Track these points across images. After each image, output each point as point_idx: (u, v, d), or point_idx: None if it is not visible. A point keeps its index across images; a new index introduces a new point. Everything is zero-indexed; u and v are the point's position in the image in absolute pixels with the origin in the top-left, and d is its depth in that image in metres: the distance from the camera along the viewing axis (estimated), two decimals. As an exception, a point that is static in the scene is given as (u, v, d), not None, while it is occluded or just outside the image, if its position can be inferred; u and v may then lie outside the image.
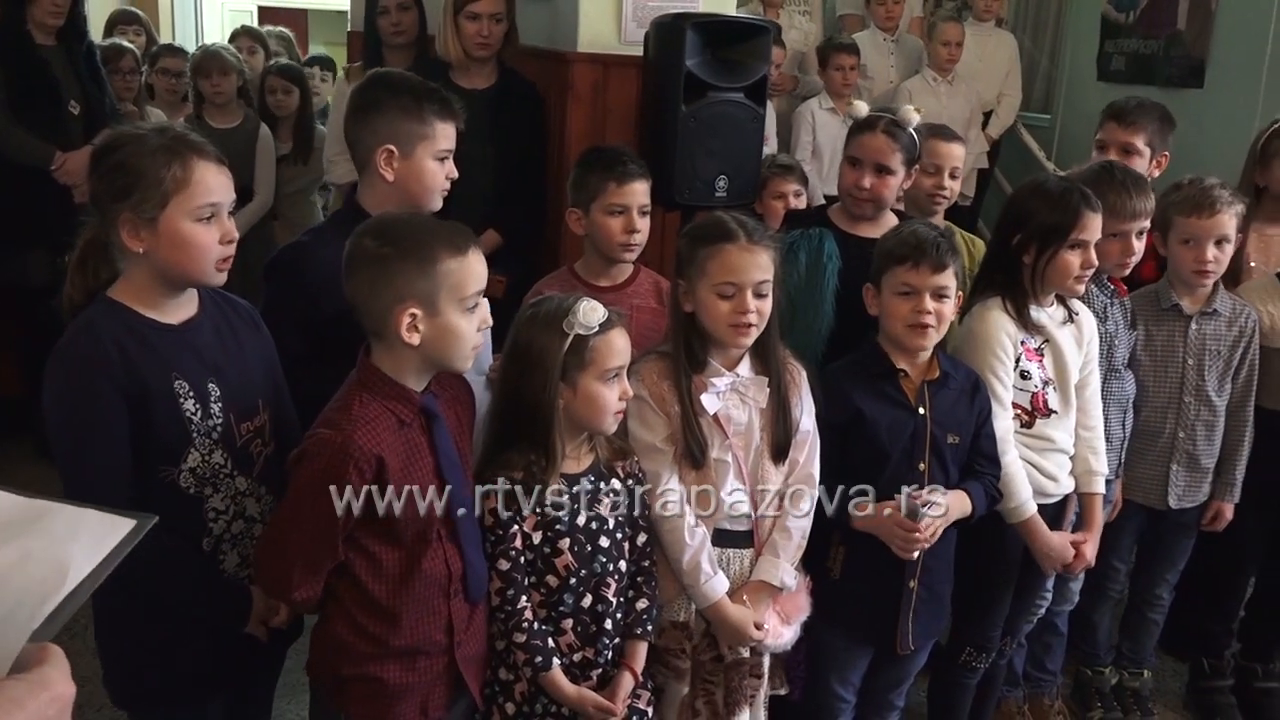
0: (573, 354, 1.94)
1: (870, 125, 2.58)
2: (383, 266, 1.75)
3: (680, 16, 3.03)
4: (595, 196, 2.47)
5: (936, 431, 2.29)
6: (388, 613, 1.82)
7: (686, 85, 2.99)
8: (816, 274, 2.52)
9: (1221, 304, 2.79)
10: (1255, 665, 3.12)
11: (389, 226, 1.82)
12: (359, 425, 1.74)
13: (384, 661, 1.83)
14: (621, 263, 2.52)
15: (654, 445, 2.13)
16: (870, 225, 2.59)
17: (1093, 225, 2.40)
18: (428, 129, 2.25)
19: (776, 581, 2.19)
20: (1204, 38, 4.94)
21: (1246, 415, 2.84)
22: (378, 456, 1.74)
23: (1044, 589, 2.72)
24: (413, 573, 1.82)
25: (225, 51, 4.57)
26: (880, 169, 2.55)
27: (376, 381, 1.79)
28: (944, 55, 5.15)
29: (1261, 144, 3.18)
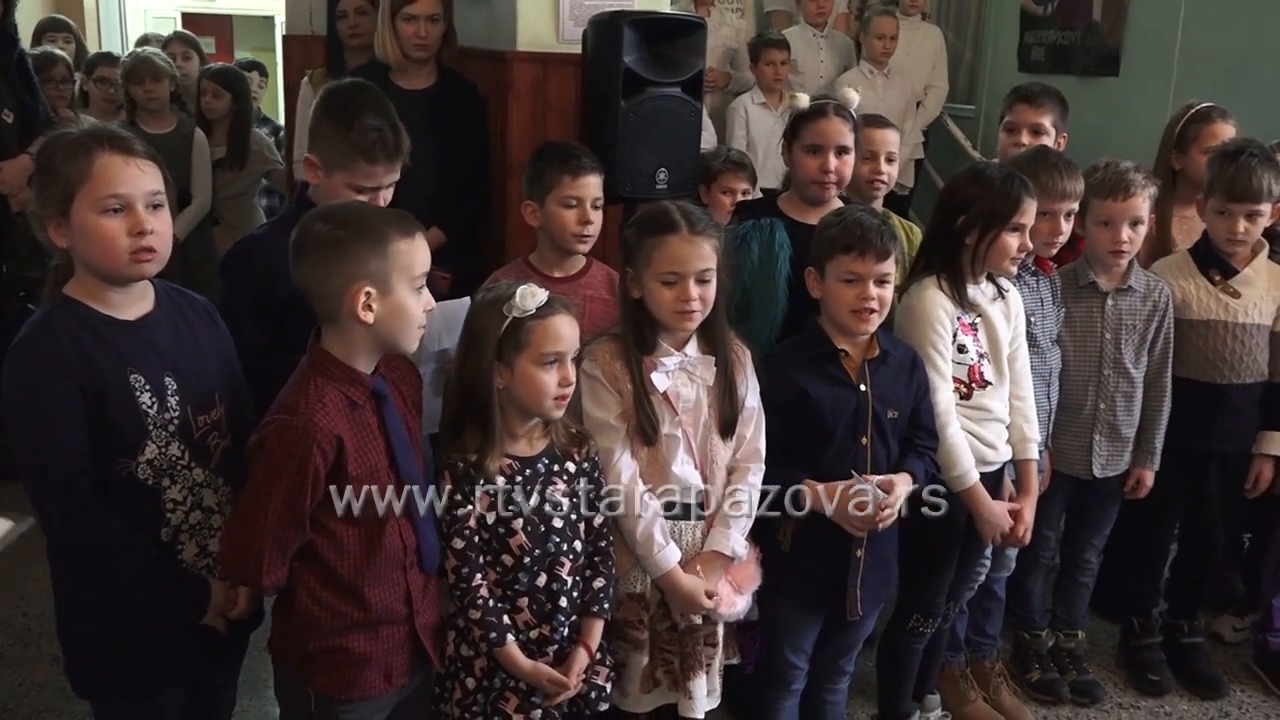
0: (510, 336, 2.04)
1: (821, 112, 2.68)
2: (337, 248, 1.81)
3: (617, 14, 3.11)
4: (550, 189, 2.56)
5: (878, 407, 2.40)
6: (351, 587, 1.89)
7: (625, 81, 3.08)
8: (769, 263, 2.63)
9: (1136, 280, 2.94)
10: (1181, 622, 3.28)
11: (339, 212, 1.90)
12: (317, 407, 1.80)
13: (349, 633, 1.91)
14: (575, 254, 2.60)
15: (607, 422, 2.24)
16: (818, 212, 2.70)
17: (1031, 210, 2.54)
18: (347, 162, 2.32)
19: (728, 551, 2.30)
20: (1118, 28, 5.15)
21: (1164, 385, 2.99)
22: (337, 436, 1.81)
23: (984, 555, 2.84)
24: (373, 548, 1.90)
25: (157, 57, 4.58)
26: (841, 150, 2.67)
27: (328, 365, 1.86)
28: (879, 48, 5.31)
29: (1179, 129, 3.36)
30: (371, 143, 2.30)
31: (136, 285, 1.90)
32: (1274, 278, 3.07)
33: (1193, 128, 3.31)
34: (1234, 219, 2.95)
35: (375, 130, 2.31)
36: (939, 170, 5.64)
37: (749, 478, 2.34)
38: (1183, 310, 3.03)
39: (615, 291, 2.57)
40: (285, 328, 2.22)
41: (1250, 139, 3.07)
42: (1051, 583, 3.28)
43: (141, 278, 1.88)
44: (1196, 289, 3.04)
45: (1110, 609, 3.45)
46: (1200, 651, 3.29)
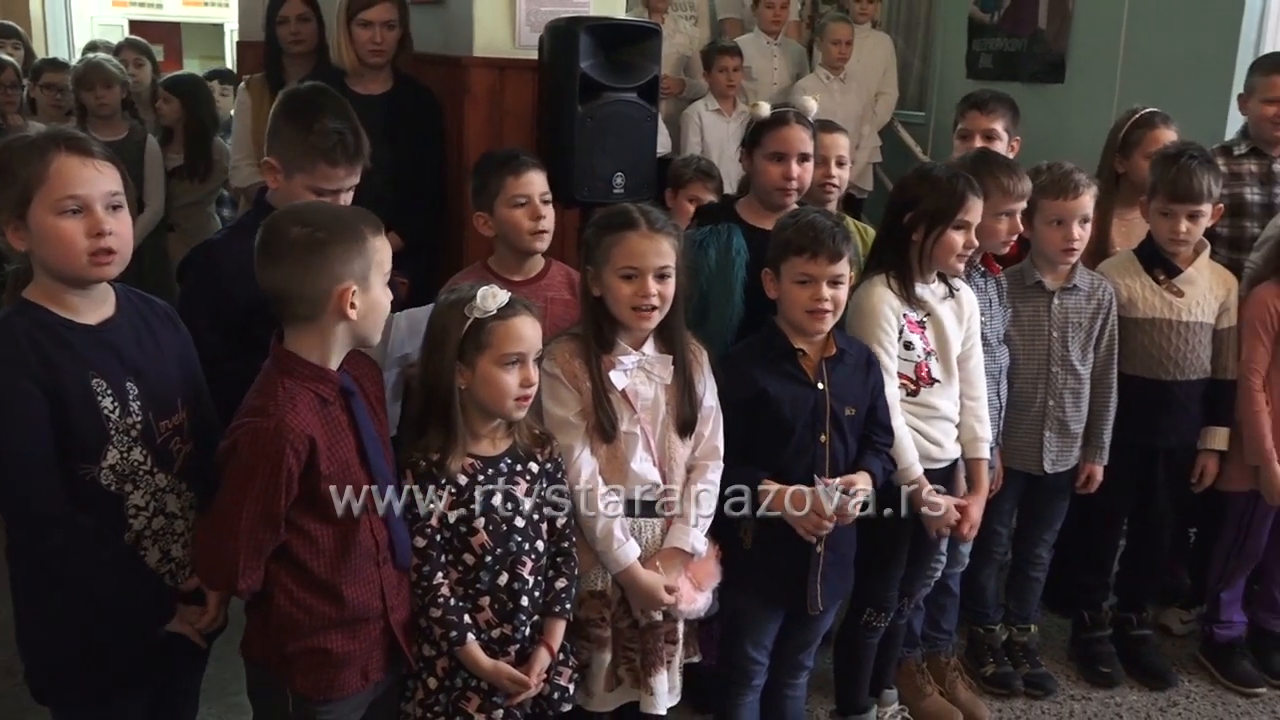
0: (471, 337, 2.06)
1: (784, 119, 2.72)
2: (319, 249, 1.82)
3: (573, 20, 3.14)
4: (497, 194, 2.58)
5: (835, 405, 2.44)
6: (328, 586, 1.90)
7: (581, 86, 3.10)
8: (726, 267, 2.66)
9: (1080, 279, 3.01)
10: (1130, 615, 3.36)
11: (311, 213, 1.91)
12: (288, 409, 1.81)
13: (328, 633, 1.91)
14: (533, 253, 2.62)
15: (567, 420, 2.26)
16: (775, 218, 2.72)
17: (975, 208, 2.60)
18: (307, 164, 2.33)
19: (687, 547, 2.33)
20: (1063, 36, 5.26)
21: (1110, 382, 3.07)
22: (310, 437, 1.82)
23: (938, 552, 2.90)
24: (347, 546, 1.91)
25: (108, 63, 4.54)
26: (803, 157, 2.71)
27: (295, 365, 1.86)
28: (835, 53, 5.39)
29: (1124, 134, 3.44)
30: (332, 145, 2.30)
31: (97, 289, 1.89)
32: (1216, 277, 3.16)
33: (1136, 132, 3.40)
34: (1176, 219, 3.03)
35: (336, 133, 2.31)
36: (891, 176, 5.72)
37: (708, 475, 2.37)
38: (1129, 309, 3.10)
39: (576, 292, 2.60)
40: (242, 333, 2.22)
41: (1190, 142, 3.16)
42: (1004, 578, 3.34)
43: (101, 279, 1.88)
44: (1142, 288, 3.12)
45: (1061, 603, 3.52)
46: (1149, 643, 3.37)
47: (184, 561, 2.02)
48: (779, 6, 5.54)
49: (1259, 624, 3.37)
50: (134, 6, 11.34)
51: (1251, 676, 3.28)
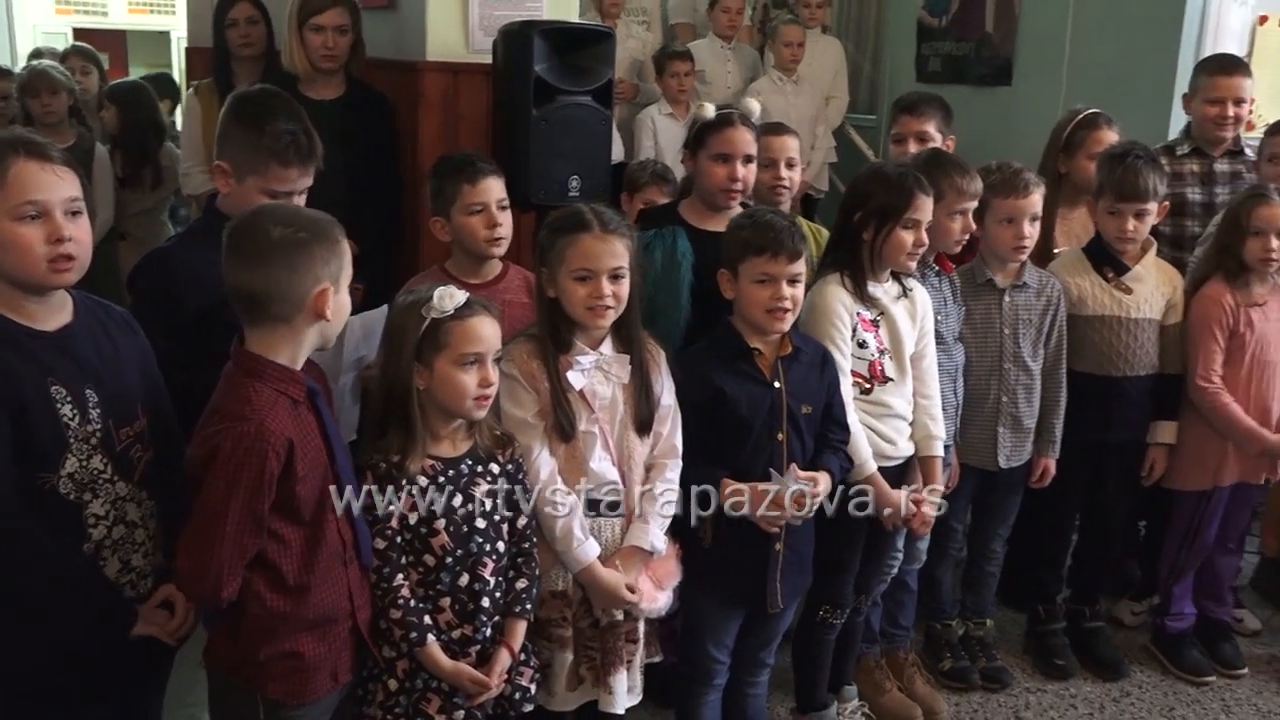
0: (429, 337, 2.07)
1: (729, 121, 2.75)
2: (304, 250, 1.83)
3: (527, 24, 3.15)
4: (453, 200, 2.58)
5: (792, 403, 2.47)
6: (300, 588, 1.89)
7: (536, 90, 3.12)
8: (672, 270, 2.68)
9: (1030, 277, 3.07)
10: (1083, 608, 3.42)
11: (289, 214, 1.91)
12: (267, 412, 1.81)
13: (299, 635, 1.91)
14: (490, 259, 2.63)
15: (525, 420, 2.28)
16: (719, 219, 2.76)
17: (925, 207, 2.64)
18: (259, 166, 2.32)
19: (647, 546, 2.35)
20: (1009, 39, 5.35)
21: (1060, 377, 3.12)
22: (289, 439, 1.82)
23: (895, 549, 2.93)
24: (316, 546, 1.91)
25: (54, 70, 4.49)
26: (748, 159, 2.74)
27: (263, 368, 1.86)
28: (787, 56, 5.44)
29: (1066, 134, 3.51)
30: (284, 145, 2.29)
31: (55, 295, 1.88)
32: (1162, 274, 3.23)
33: (1079, 133, 3.47)
34: (1123, 218, 3.10)
35: (288, 133, 2.30)
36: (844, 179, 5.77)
37: (666, 474, 2.39)
38: (1078, 307, 3.16)
39: (533, 294, 2.61)
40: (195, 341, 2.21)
41: (1135, 142, 3.22)
42: (960, 574, 3.39)
43: (61, 286, 1.86)
44: (1091, 286, 3.18)
45: (1016, 598, 3.57)
46: (1102, 635, 3.44)
47: (145, 571, 2.00)
48: (734, 11, 5.59)
49: (1206, 614, 3.44)
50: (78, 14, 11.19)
51: (1201, 666, 3.35)
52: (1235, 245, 3.13)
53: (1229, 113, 3.52)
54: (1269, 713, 3.20)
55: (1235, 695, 3.27)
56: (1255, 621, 3.64)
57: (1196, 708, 3.21)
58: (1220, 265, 3.18)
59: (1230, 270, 3.15)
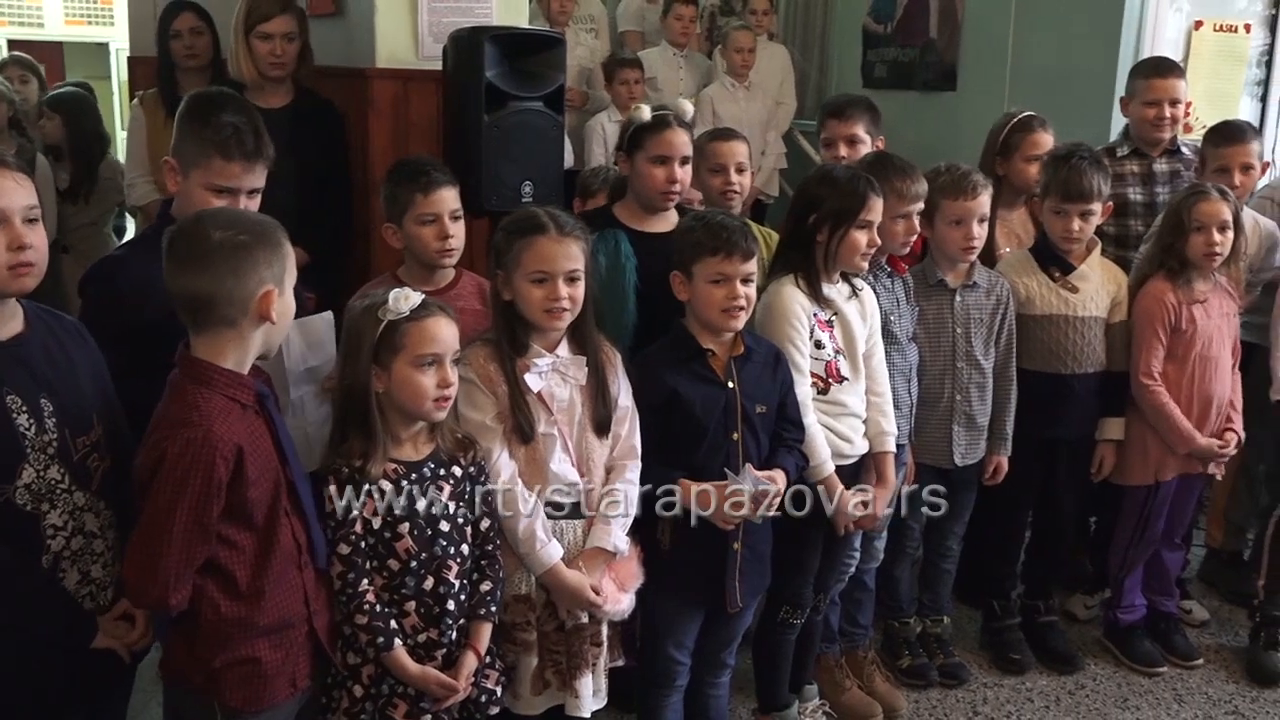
0: (385, 340, 2.08)
1: (666, 123, 2.78)
2: (247, 252, 1.83)
3: (477, 30, 3.16)
4: (406, 209, 2.58)
5: (746, 403, 2.50)
6: (253, 593, 1.89)
7: (487, 96, 3.13)
8: (616, 274, 2.70)
9: (979, 276, 3.14)
10: (1038, 603, 3.49)
11: (228, 217, 1.91)
12: (215, 418, 1.81)
13: (255, 641, 1.91)
14: (441, 268, 2.63)
15: (483, 423, 2.29)
16: (655, 221, 2.80)
17: (877, 207, 2.70)
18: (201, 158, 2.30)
19: (609, 546, 2.37)
20: (953, 45, 5.45)
21: (1010, 375, 3.19)
22: (238, 446, 1.82)
23: (852, 547, 2.97)
24: (269, 550, 1.91)
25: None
26: (685, 160, 2.77)
27: (210, 374, 1.85)
28: (738, 61, 5.51)
29: (1003, 137, 3.59)
30: (226, 137, 2.27)
31: (6, 304, 1.87)
32: (1107, 273, 3.32)
33: (1015, 136, 3.56)
34: (1069, 218, 3.18)
35: (231, 125, 2.28)
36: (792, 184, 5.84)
37: (627, 474, 2.41)
38: (1026, 306, 3.24)
39: (486, 301, 2.62)
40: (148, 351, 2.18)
41: (1080, 143, 3.31)
42: (917, 572, 3.44)
43: (21, 292, 1.86)
44: (1039, 285, 3.25)
45: (971, 595, 3.64)
46: (1056, 629, 3.51)
47: (105, 583, 1.99)
48: (687, 19, 5.65)
49: (1156, 606, 3.53)
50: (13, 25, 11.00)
51: (1153, 657, 3.43)
52: (1177, 242, 3.22)
53: (1165, 113, 3.61)
54: (1219, 700, 3.28)
55: (1186, 685, 3.36)
56: (1203, 612, 3.74)
57: (1149, 698, 3.29)
58: (1163, 263, 3.27)
59: (1172, 268, 3.24)
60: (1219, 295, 3.29)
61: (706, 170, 3.09)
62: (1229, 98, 4.97)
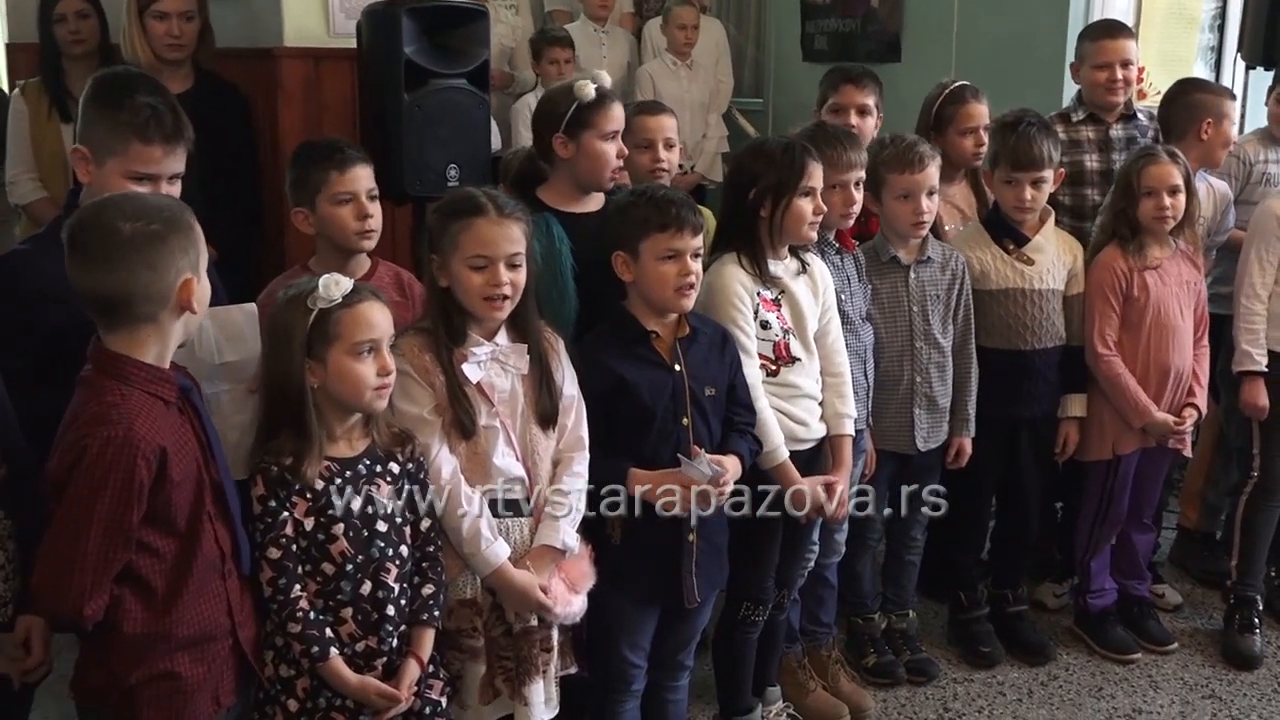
0: (318, 329, 2.11)
1: (612, 97, 2.83)
2: (161, 243, 1.86)
3: (392, 4, 3.21)
4: (319, 189, 2.60)
5: (694, 386, 2.58)
6: (173, 603, 1.91)
7: (407, 74, 3.18)
8: (552, 259, 2.74)
9: (933, 251, 3.24)
10: (1006, 592, 3.61)
11: (135, 205, 1.91)
12: (136, 416, 1.83)
13: (174, 655, 1.93)
14: (359, 253, 2.66)
15: (421, 417, 2.33)
16: (586, 202, 2.86)
17: (817, 173, 2.78)
18: (118, 144, 2.30)
19: (559, 544, 2.42)
20: (896, 14, 5.59)
21: (969, 353, 3.30)
22: (161, 447, 1.84)
23: (811, 539, 3.06)
24: (191, 557, 1.93)
25: None
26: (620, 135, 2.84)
27: (129, 369, 1.87)
28: (681, 39, 5.61)
29: (935, 109, 3.71)
30: (145, 119, 2.28)
31: None
32: (1062, 243, 3.45)
33: (947, 109, 3.67)
34: (1020, 187, 3.30)
35: (149, 107, 2.29)
36: (732, 166, 5.93)
37: (574, 467, 2.47)
38: (982, 281, 3.35)
39: (405, 292, 2.70)
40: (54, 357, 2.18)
41: (1027, 109, 3.42)
42: (879, 566, 3.54)
43: None
44: (993, 259, 3.37)
45: (936, 588, 3.74)
46: (1026, 620, 3.64)
47: (5, 597, 2.00)
48: (608, -7, 5.72)
49: (1127, 591, 3.66)
50: None
51: (1126, 643, 3.57)
52: (1129, 208, 3.36)
53: (1117, 75, 3.74)
54: (1195, 685, 3.42)
55: (1162, 671, 3.50)
56: (1176, 596, 3.89)
57: (1125, 685, 3.42)
58: (1115, 231, 3.41)
59: (1124, 235, 3.38)
60: (1177, 262, 3.43)
61: (633, 146, 3.15)
62: (1182, 61, 5.19)
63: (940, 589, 3.72)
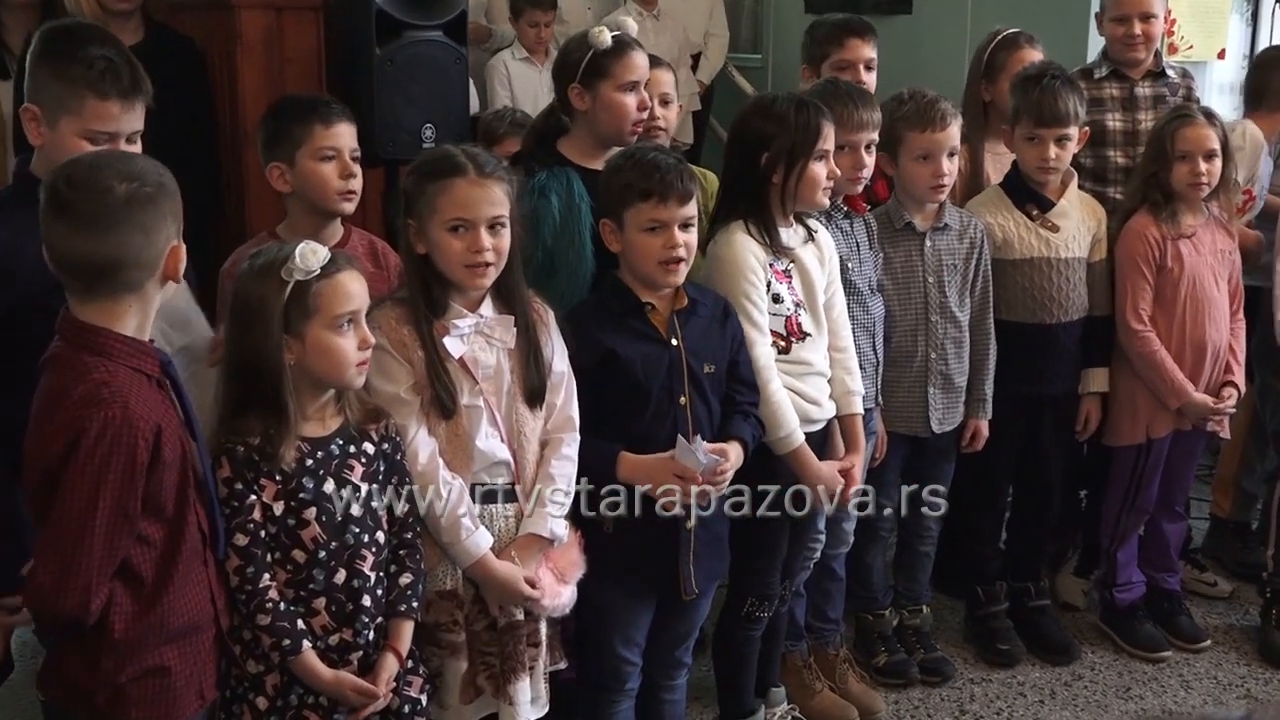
0: (295, 302, 2.11)
1: (630, 45, 2.86)
2: (154, 207, 1.88)
3: (362, -53, 3.22)
4: (301, 143, 2.62)
5: (692, 362, 2.59)
6: (160, 594, 1.93)
7: (378, 25, 3.18)
8: (571, 217, 2.75)
9: (950, 217, 3.26)
10: (1027, 585, 3.64)
11: (126, 166, 1.91)
12: (130, 394, 1.84)
13: (164, 649, 1.95)
14: (338, 214, 2.68)
15: (398, 396, 2.34)
16: (604, 157, 2.84)
17: (830, 134, 2.80)
18: (72, 101, 2.29)
19: (546, 533, 2.44)
20: (907, -39, 5.63)
21: (988, 328, 3.33)
22: (157, 425, 1.86)
23: (816, 529, 3.08)
24: (178, 543, 1.95)
25: None
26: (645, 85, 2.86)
27: (110, 343, 1.88)
28: None
29: (987, 57, 3.72)
30: (100, 73, 2.28)
31: None
32: (1086, 208, 3.48)
33: (1000, 55, 3.70)
34: (1044, 145, 3.32)
35: (103, 59, 2.29)
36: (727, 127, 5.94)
37: (563, 450, 2.49)
38: (1004, 250, 3.38)
39: (379, 262, 2.73)
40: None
41: (1050, 62, 3.46)
42: (891, 558, 3.57)
43: None
44: (1016, 226, 3.40)
45: (951, 583, 3.77)
46: (1048, 615, 3.68)
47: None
48: (587, -62, 5.73)
49: (1156, 584, 3.71)
50: None
51: (1156, 640, 3.61)
52: (1161, 173, 3.39)
53: (1136, 30, 3.74)
54: (1229, 684, 3.47)
55: (1194, 669, 3.54)
56: (1226, 585, 3.93)
57: (1154, 685, 3.47)
58: (1146, 196, 3.43)
59: (1156, 201, 3.41)
60: (1211, 229, 3.46)
61: None
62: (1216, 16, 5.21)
63: (956, 583, 3.75)
